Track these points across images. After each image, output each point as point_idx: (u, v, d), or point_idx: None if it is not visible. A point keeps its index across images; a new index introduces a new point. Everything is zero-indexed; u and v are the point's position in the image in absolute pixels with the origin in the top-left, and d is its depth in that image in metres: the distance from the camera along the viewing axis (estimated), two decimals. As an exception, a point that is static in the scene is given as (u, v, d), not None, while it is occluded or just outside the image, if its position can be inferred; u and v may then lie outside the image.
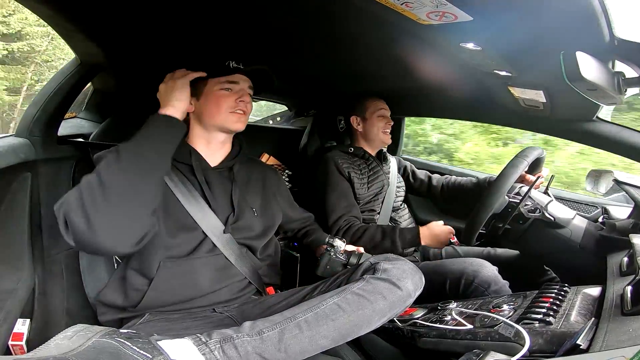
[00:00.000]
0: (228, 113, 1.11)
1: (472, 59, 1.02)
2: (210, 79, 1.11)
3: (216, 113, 1.11)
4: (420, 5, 0.72)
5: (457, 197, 1.75)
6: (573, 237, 1.16)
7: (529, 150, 1.28)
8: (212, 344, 0.74)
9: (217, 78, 1.11)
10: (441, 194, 1.79)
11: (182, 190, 1.05)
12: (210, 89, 1.11)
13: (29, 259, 1.09)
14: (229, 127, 1.13)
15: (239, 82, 1.13)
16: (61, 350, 0.68)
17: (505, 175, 1.20)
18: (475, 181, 1.70)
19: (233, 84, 1.12)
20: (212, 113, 1.11)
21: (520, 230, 1.22)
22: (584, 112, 1.23)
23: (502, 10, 0.73)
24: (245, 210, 1.15)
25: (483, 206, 1.18)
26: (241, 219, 1.13)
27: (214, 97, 1.11)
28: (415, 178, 1.86)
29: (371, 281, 0.89)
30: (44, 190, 1.15)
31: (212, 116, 1.11)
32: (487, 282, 1.21)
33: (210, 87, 1.11)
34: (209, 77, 1.10)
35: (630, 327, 0.66)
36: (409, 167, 1.89)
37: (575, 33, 0.76)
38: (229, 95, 1.12)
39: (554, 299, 0.90)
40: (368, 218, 1.62)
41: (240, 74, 1.13)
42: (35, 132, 1.13)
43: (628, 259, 0.94)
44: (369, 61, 1.31)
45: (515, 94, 1.24)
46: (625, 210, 1.22)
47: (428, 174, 1.87)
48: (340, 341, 0.84)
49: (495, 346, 0.82)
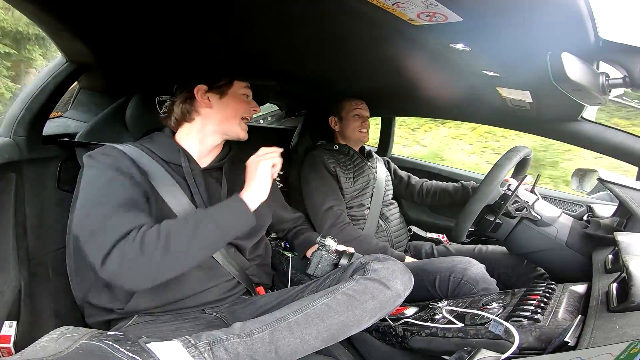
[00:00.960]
0: (240, 119, 1.13)
1: (461, 59, 1.03)
2: (237, 82, 1.12)
3: (234, 115, 1.12)
4: (411, 5, 0.72)
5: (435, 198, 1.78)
6: (559, 235, 1.18)
7: (520, 147, 1.31)
8: (201, 346, 0.73)
9: (242, 83, 1.13)
10: (418, 195, 1.83)
11: (168, 191, 1.03)
12: (235, 92, 1.12)
13: (14, 261, 1.07)
14: (238, 134, 1.14)
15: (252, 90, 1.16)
16: (48, 353, 0.67)
17: (499, 166, 1.22)
18: (458, 186, 1.73)
19: (250, 91, 1.16)
20: (228, 115, 1.12)
21: (510, 226, 1.23)
22: (569, 112, 1.25)
23: (492, 11, 0.74)
24: None
25: (478, 195, 1.19)
26: None
27: (236, 100, 1.12)
28: (396, 175, 1.90)
29: (361, 281, 0.89)
30: (29, 190, 1.12)
31: (227, 118, 1.12)
32: (475, 280, 1.22)
33: (235, 89, 1.12)
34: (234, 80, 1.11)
35: (616, 323, 0.67)
36: (392, 165, 1.93)
37: (561, 34, 0.77)
38: (247, 101, 1.14)
39: (541, 297, 0.91)
40: (358, 213, 1.63)
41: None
42: (20, 132, 1.11)
43: (613, 256, 0.96)
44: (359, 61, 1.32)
45: (503, 94, 1.26)
46: (609, 209, 1.25)
47: (409, 174, 1.91)
48: (330, 341, 0.84)
49: (485, 344, 0.83)
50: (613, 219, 1.15)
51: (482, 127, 5.92)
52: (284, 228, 1.42)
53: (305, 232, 1.41)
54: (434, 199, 1.78)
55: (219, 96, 1.10)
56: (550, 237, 1.19)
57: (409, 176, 1.89)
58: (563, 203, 1.74)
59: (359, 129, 1.72)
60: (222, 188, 1.12)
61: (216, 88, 1.10)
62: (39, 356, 0.66)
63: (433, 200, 1.79)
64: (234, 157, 1.20)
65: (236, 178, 1.18)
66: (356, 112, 1.72)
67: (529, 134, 1.59)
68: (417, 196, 1.83)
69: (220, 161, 1.16)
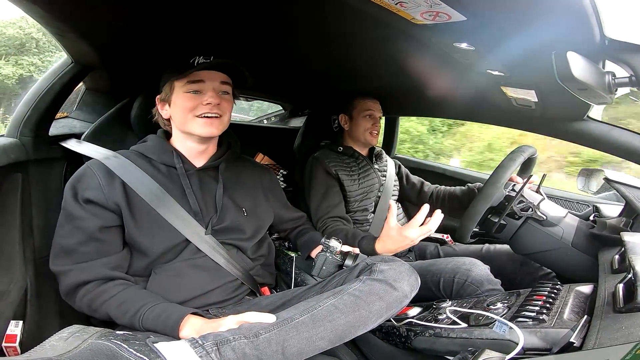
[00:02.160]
0: (194, 118, 1.04)
1: (465, 59, 1.03)
2: (176, 81, 1.05)
3: (183, 119, 1.05)
4: (415, 5, 0.72)
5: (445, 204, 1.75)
6: (565, 236, 1.17)
7: (525, 147, 1.30)
8: (208, 347, 0.74)
9: (181, 80, 1.04)
10: (429, 202, 1.78)
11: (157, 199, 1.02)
12: (177, 93, 1.05)
13: (20, 260, 1.08)
14: (197, 133, 1.06)
15: (205, 80, 1.04)
16: (57, 352, 0.68)
17: (503, 166, 1.21)
18: (465, 189, 1.71)
19: (199, 84, 1.04)
20: (180, 120, 1.07)
21: (514, 226, 1.23)
22: (575, 111, 1.24)
23: (495, 10, 0.73)
24: (231, 211, 1.12)
25: (481, 197, 1.19)
26: (227, 220, 1.11)
27: (180, 102, 1.05)
28: (408, 181, 1.87)
29: (367, 282, 0.89)
30: (35, 191, 1.13)
31: (181, 123, 1.07)
32: (480, 281, 1.22)
33: (177, 90, 1.05)
34: (172, 79, 1.05)
35: (622, 324, 0.67)
36: (403, 169, 1.90)
37: (566, 33, 0.77)
38: (194, 98, 1.04)
39: (547, 297, 0.91)
40: (361, 218, 1.62)
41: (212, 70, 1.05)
42: (26, 133, 1.12)
43: (619, 256, 0.95)
44: (363, 60, 1.32)
45: (508, 93, 1.25)
46: (616, 209, 1.24)
47: (421, 180, 1.88)
48: (337, 342, 0.84)
49: (489, 344, 0.82)
50: (619, 219, 1.14)
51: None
52: (285, 228, 1.41)
53: (309, 231, 1.41)
54: (443, 205, 1.74)
55: (168, 103, 1.09)
56: (556, 238, 1.18)
57: (422, 183, 1.86)
58: (569, 203, 1.73)
59: (370, 131, 1.66)
60: (218, 187, 1.12)
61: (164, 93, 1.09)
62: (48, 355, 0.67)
63: (443, 206, 1.75)
64: (231, 157, 1.19)
65: (234, 176, 1.18)
66: (368, 113, 1.67)
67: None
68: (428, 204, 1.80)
69: (216, 161, 1.15)
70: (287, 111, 2.60)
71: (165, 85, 1.08)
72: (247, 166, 1.27)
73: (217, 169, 1.15)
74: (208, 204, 1.10)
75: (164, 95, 1.09)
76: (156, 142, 1.11)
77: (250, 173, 1.25)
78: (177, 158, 1.08)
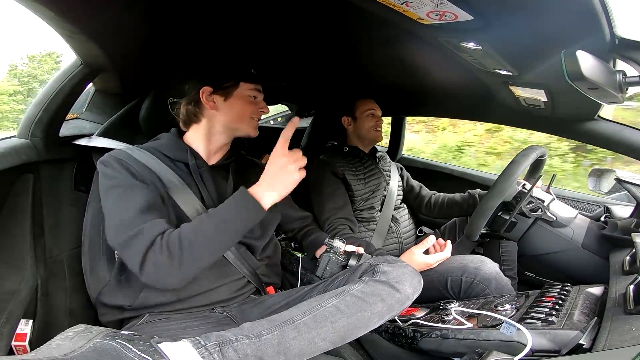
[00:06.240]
0: (250, 119, 1.14)
1: (473, 58, 1.02)
2: (243, 83, 1.13)
3: (240, 117, 1.13)
4: (421, 4, 0.72)
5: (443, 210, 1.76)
6: (575, 237, 1.16)
7: (536, 147, 1.29)
8: (211, 347, 0.74)
9: (249, 84, 1.14)
10: (426, 206, 1.81)
11: (178, 192, 1.04)
12: (241, 93, 1.13)
13: (31, 260, 1.09)
14: (248, 132, 1.15)
15: (261, 90, 1.17)
16: (62, 351, 0.68)
17: (516, 162, 1.20)
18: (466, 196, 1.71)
19: (259, 92, 1.16)
20: (235, 117, 1.12)
21: (525, 225, 1.21)
22: (585, 111, 1.23)
23: (503, 9, 0.73)
24: None
25: (494, 192, 1.17)
26: None
27: (242, 102, 1.13)
28: (408, 184, 1.88)
29: (370, 283, 0.89)
30: (46, 191, 1.15)
31: (234, 120, 1.12)
32: (488, 280, 1.20)
33: (241, 91, 1.13)
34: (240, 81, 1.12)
35: (633, 326, 0.66)
36: (405, 172, 1.91)
37: (576, 32, 0.76)
38: (255, 102, 1.15)
39: (556, 298, 0.90)
40: (368, 216, 1.63)
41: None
42: (37, 133, 1.13)
43: (630, 258, 0.93)
44: (369, 61, 1.32)
45: (517, 93, 1.24)
46: (627, 209, 1.22)
47: (420, 184, 1.89)
48: (338, 343, 0.84)
49: (497, 346, 0.82)
50: (631, 220, 1.12)
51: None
52: (292, 228, 1.42)
53: (315, 232, 1.41)
54: (441, 211, 1.76)
55: (224, 98, 1.11)
56: (566, 239, 1.16)
57: (421, 187, 1.88)
58: (579, 204, 1.70)
59: (374, 128, 1.70)
60: (228, 186, 1.13)
61: (221, 90, 1.10)
62: (53, 354, 0.67)
63: (440, 212, 1.77)
64: (242, 156, 1.22)
65: (243, 177, 1.19)
66: (370, 112, 1.70)
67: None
68: (424, 208, 1.82)
69: (228, 159, 1.17)
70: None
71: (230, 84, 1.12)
72: (255, 167, 1.28)
73: (228, 168, 1.17)
74: (220, 200, 1.10)
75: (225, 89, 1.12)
76: (170, 139, 1.13)
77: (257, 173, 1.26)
78: (191, 155, 1.10)
